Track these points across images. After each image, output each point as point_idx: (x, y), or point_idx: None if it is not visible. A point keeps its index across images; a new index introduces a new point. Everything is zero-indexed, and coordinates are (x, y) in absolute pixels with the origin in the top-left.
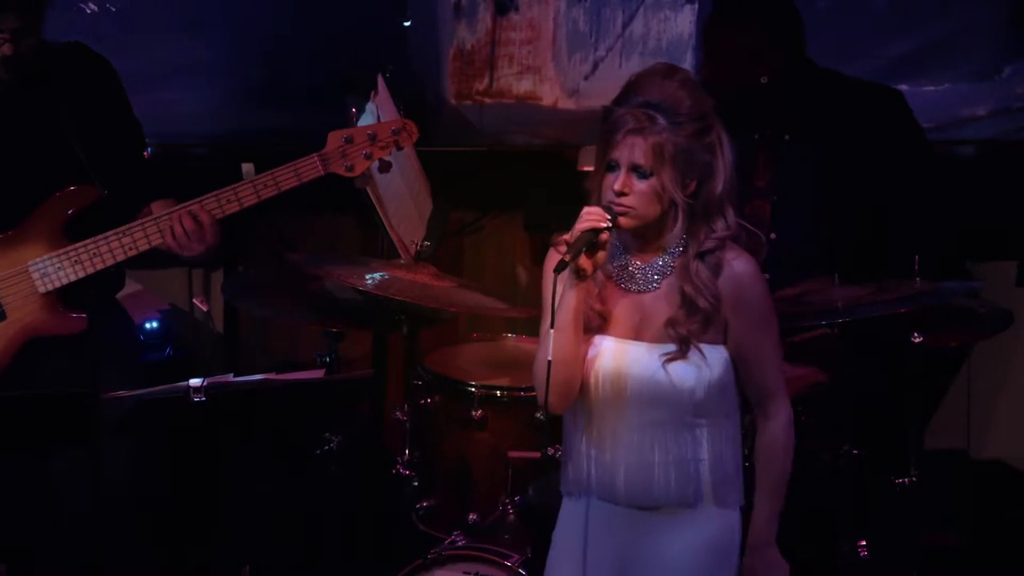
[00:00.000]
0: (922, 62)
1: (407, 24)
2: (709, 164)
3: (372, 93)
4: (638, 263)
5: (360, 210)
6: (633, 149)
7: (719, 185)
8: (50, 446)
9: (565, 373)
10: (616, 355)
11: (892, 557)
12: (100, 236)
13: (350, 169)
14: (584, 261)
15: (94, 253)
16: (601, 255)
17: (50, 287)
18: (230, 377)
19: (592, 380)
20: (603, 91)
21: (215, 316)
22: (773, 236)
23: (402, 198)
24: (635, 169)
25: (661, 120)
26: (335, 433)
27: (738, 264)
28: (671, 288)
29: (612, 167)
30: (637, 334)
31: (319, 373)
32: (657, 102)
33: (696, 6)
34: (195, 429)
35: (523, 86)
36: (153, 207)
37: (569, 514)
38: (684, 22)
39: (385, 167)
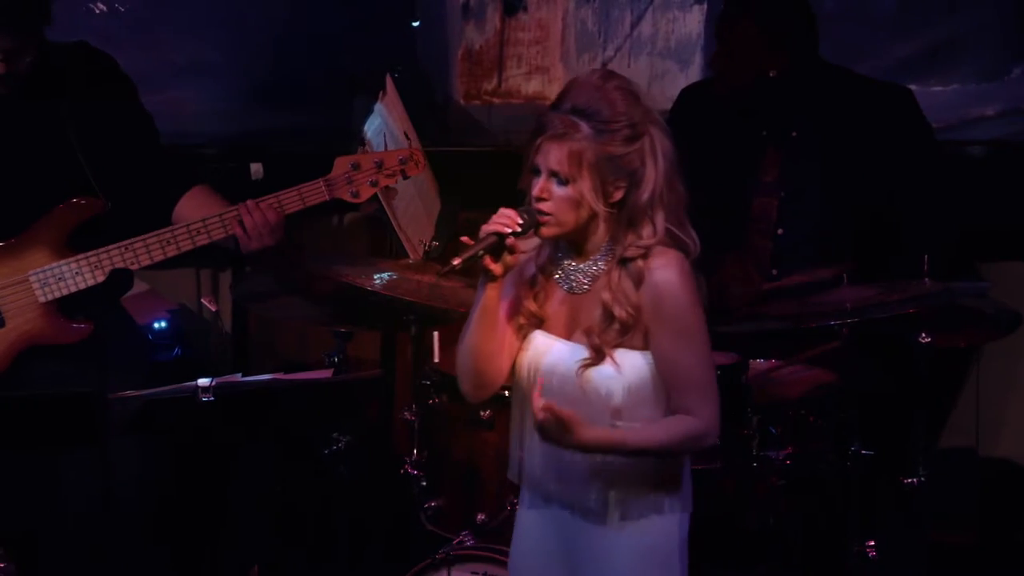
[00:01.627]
0: (930, 63)
1: (416, 24)
2: (636, 172)
3: (380, 93)
4: (574, 264)
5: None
6: (552, 155)
7: (646, 193)
8: (59, 446)
9: (476, 365)
10: (544, 351)
11: (901, 557)
12: (103, 248)
13: (355, 195)
14: (490, 263)
15: (95, 265)
16: (511, 258)
17: (50, 297)
18: (238, 377)
19: (523, 373)
20: None
21: (224, 316)
22: (780, 232)
23: (411, 198)
24: (554, 175)
25: (585, 127)
26: (343, 433)
27: (660, 273)
28: (601, 291)
29: (535, 171)
30: (570, 333)
31: (327, 373)
32: (583, 108)
33: (705, 6)
34: (204, 429)
35: (532, 86)
36: (185, 199)
37: (521, 502)
38: (693, 22)
39: (390, 195)
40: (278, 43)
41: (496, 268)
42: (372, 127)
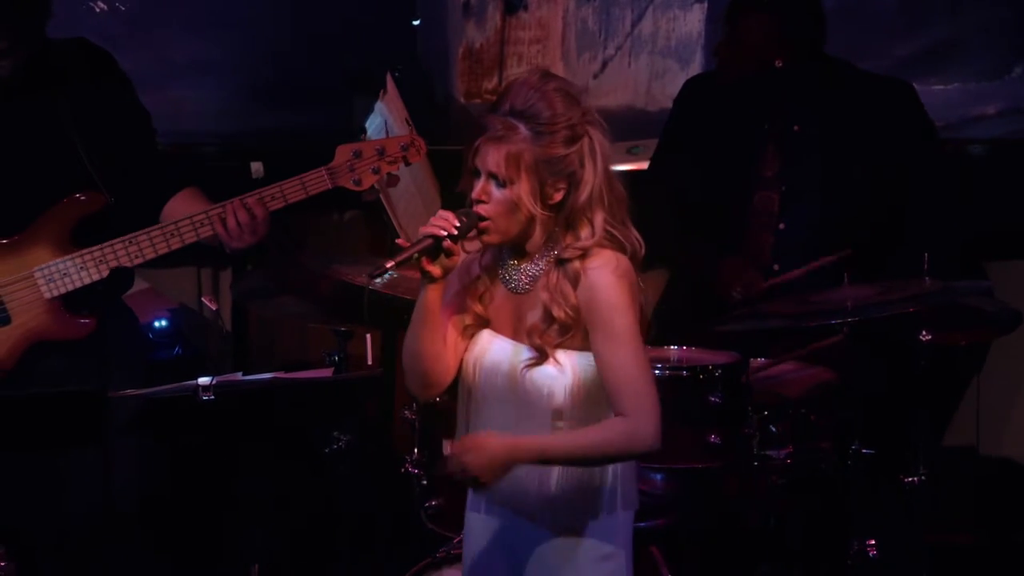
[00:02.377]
0: (932, 61)
1: (416, 23)
2: (575, 173)
3: (381, 92)
4: (516, 265)
5: (369, 208)
6: (490, 157)
7: (584, 194)
8: (60, 445)
9: (421, 365)
10: (488, 350)
11: (902, 556)
12: (107, 243)
13: (358, 183)
14: (427, 265)
15: (99, 260)
16: (449, 260)
17: (55, 293)
18: (239, 376)
19: (468, 370)
20: (612, 90)
21: (224, 315)
22: (782, 226)
23: (411, 196)
24: (493, 177)
25: (523, 129)
26: (344, 432)
27: (594, 273)
28: (540, 291)
29: (475, 173)
30: (515, 332)
31: (328, 372)
32: (521, 110)
33: (705, 5)
34: (204, 428)
35: None
36: (173, 201)
37: (469, 507)
38: (693, 21)
39: (392, 181)
40: (278, 42)
41: (434, 270)
42: (373, 126)
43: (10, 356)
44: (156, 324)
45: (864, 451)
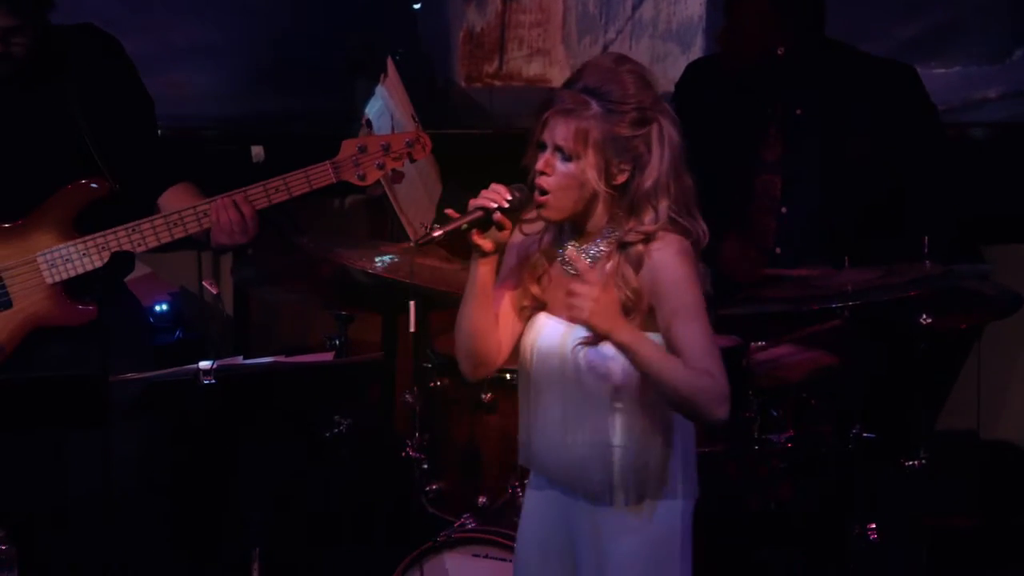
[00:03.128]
0: (933, 45)
1: (417, 7)
2: (641, 156)
3: (382, 76)
4: (577, 246)
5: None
6: (558, 130)
7: (649, 180)
8: (61, 429)
9: (472, 343)
10: (543, 333)
11: (902, 540)
12: (110, 231)
13: (362, 178)
14: (478, 238)
15: (103, 247)
16: (502, 234)
17: (57, 279)
18: (240, 360)
19: (526, 355)
20: None
21: (225, 299)
22: (784, 210)
23: (412, 181)
24: (559, 150)
25: (594, 105)
26: (345, 416)
27: (658, 253)
28: (602, 274)
29: (541, 146)
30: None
31: (328, 356)
32: (594, 87)
33: None
34: (205, 412)
35: (533, 69)
36: (167, 194)
37: (530, 486)
38: (694, 4)
39: (397, 178)
40: (279, 25)
41: (485, 244)
42: (373, 110)
43: (11, 340)
44: (157, 308)
45: (865, 435)
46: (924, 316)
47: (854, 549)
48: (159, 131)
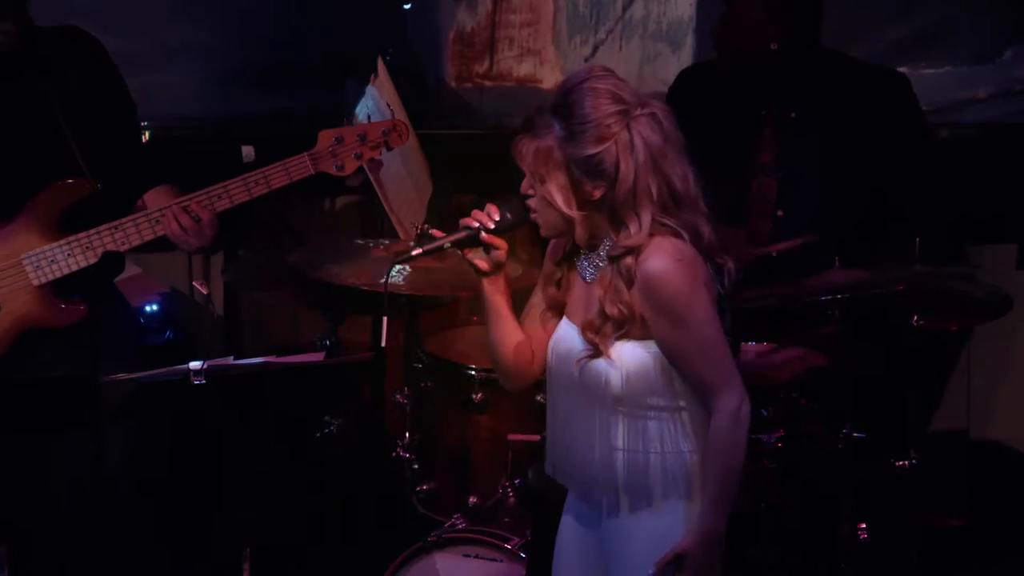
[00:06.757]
0: (922, 45)
1: (407, 7)
2: (608, 171)
3: (372, 76)
4: (587, 254)
5: (361, 194)
6: (522, 153)
7: (621, 192)
8: (51, 429)
9: (500, 358)
10: (561, 337)
11: (892, 539)
12: (94, 230)
13: (340, 168)
14: (473, 258)
15: (87, 246)
16: (497, 253)
17: (43, 280)
18: (230, 360)
19: (549, 356)
20: None
21: (215, 299)
22: (780, 213)
23: (402, 180)
24: (532, 173)
25: (557, 127)
26: (335, 416)
27: (649, 264)
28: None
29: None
30: (584, 320)
31: (319, 356)
32: (558, 107)
33: None
34: (195, 412)
35: (523, 69)
36: (148, 196)
37: (564, 511)
38: (684, 4)
39: (375, 167)
40: (269, 25)
41: (480, 264)
42: (363, 109)
43: (1, 343)
44: (147, 308)
45: (855, 435)
46: (915, 318)
47: (845, 549)
48: (147, 131)
